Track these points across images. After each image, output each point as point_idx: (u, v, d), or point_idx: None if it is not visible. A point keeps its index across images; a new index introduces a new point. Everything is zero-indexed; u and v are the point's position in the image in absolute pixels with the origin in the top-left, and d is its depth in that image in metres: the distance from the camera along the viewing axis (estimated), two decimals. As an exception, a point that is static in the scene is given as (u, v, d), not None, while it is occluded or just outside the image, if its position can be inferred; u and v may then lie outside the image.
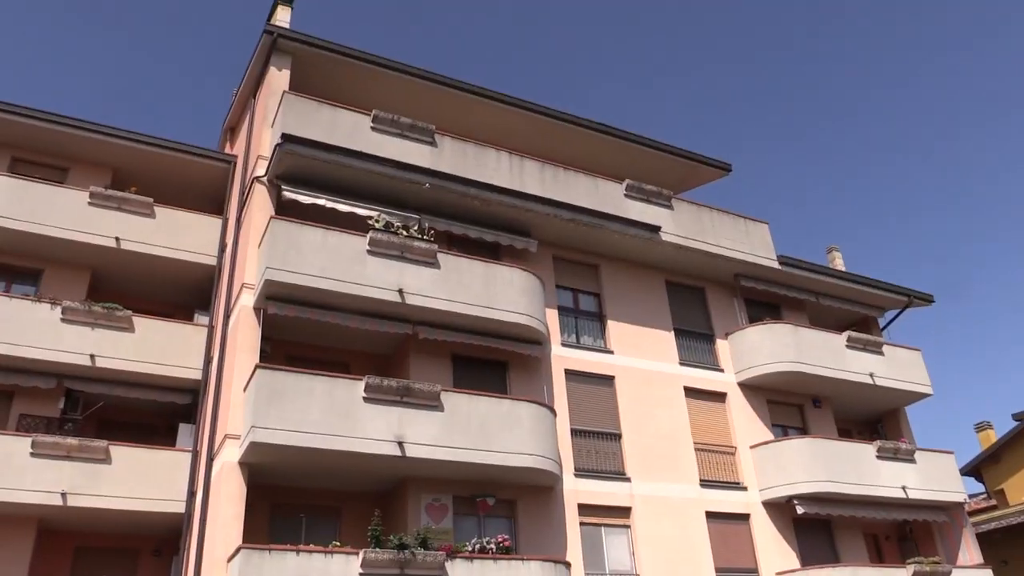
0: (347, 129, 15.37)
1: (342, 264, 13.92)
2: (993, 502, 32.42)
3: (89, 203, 16.21)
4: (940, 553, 20.11)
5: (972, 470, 33.59)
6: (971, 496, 30.22)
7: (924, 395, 21.11)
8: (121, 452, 14.61)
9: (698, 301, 19.70)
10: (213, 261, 16.92)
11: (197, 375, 15.80)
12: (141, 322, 15.80)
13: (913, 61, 74.17)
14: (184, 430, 15.61)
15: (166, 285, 17.41)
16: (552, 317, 16.96)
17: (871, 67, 75.71)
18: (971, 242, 77.05)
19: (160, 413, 16.46)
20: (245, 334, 13.73)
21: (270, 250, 13.57)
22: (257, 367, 12.82)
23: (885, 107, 75.78)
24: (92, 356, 15.10)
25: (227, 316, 15.01)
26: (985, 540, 25.79)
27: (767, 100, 78.84)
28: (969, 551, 20.13)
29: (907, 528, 21.12)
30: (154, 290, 17.50)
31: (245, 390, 13.11)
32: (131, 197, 16.61)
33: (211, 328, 16.19)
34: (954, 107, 74.54)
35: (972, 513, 26.47)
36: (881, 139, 78.64)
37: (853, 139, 78.62)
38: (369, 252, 14.25)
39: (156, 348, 15.69)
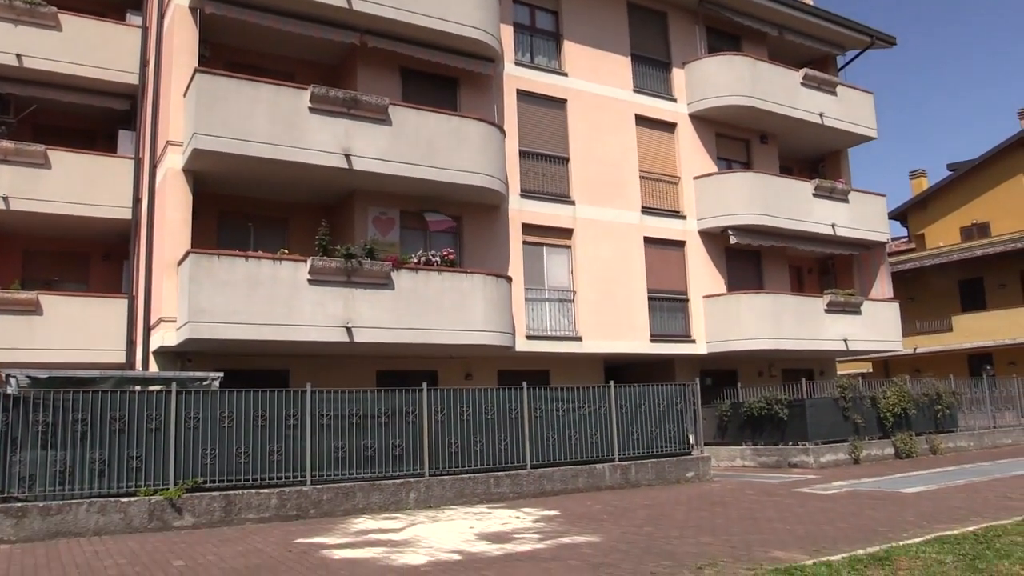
0: None
1: (283, -38, 12.92)
2: (913, 245, 34.49)
3: None
4: (856, 286, 21.59)
5: (899, 214, 35.32)
6: (894, 239, 32.03)
7: (868, 138, 21.46)
8: (60, 157, 14.33)
9: (659, 26, 19.01)
10: (141, -46, 15.56)
11: (134, 79, 15.12)
12: (68, 20, 14.81)
13: None
14: (124, 137, 15.25)
15: (91, -20, 16.09)
16: (507, 33, 16.29)
17: None
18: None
19: (98, 119, 15.92)
20: (182, 36, 12.98)
21: (203, -59, 12.45)
22: (196, 71, 12.28)
23: None
24: (18, 56, 14.29)
25: (161, 16, 14.07)
26: (899, 279, 27.77)
27: None
28: (882, 286, 21.63)
29: (829, 263, 22.45)
30: (78, -15, 16.19)
31: (185, 95, 12.66)
32: None
33: (145, 29, 15.23)
34: None
35: (892, 254, 28.12)
36: None
37: None
38: (312, -49, 13.19)
39: (87, 49, 14.84)
